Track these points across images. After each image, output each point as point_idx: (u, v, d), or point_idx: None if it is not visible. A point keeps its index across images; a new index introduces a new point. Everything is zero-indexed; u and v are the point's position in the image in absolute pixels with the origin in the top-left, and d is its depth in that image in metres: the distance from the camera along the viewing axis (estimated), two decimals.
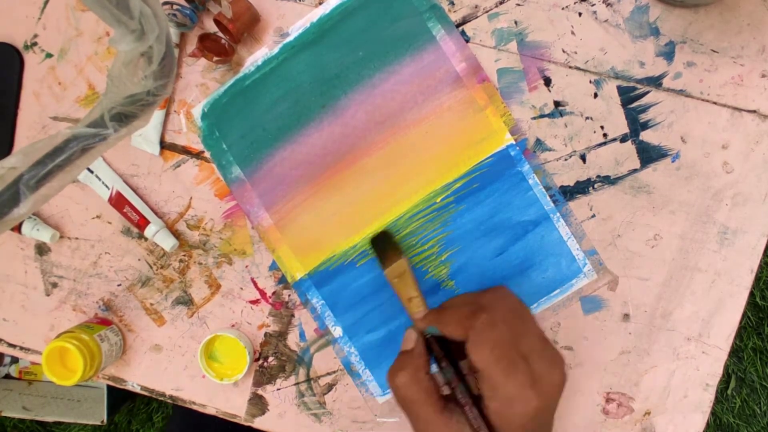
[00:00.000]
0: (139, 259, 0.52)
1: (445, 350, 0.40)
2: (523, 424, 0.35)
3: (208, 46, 0.47)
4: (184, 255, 0.52)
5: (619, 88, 0.46)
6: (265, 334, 0.52)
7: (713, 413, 1.15)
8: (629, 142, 0.47)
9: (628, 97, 0.46)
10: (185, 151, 0.51)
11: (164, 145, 0.51)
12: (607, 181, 0.47)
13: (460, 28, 0.47)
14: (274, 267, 0.51)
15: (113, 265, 0.52)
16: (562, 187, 0.48)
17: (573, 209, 0.48)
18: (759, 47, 0.45)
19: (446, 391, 0.39)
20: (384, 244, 0.46)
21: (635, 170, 0.47)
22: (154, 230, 0.50)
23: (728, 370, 1.15)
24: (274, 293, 0.51)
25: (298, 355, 0.51)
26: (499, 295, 0.40)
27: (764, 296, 1.14)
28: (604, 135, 0.47)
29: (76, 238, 0.53)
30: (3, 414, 1.07)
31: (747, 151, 0.46)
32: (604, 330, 0.48)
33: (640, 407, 0.49)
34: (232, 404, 0.53)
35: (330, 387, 0.51)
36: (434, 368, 0.40)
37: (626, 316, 0.48)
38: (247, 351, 0.50)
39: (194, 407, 0.53)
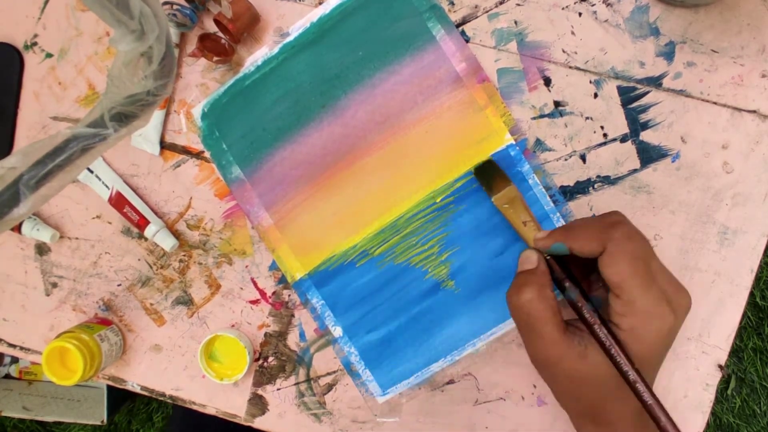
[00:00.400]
0: (139, 259, 0.52)
1: (566, 272, 0.39)
2: (655, 341, 0.35)
3: (208, 46, 0.47)
4: (184, 255, 0.52)
5: (619, 88, 0.46)
6: (265, 334, 0.52)
7: (713, 413, 1.15)
8: (629, 142, 0.47)
9: (628, 97, 0.46)
10: (185, 151, 0.51)
11: (164, 145, 0.51)
12: (607, 181, 0.47)
13: (460, 28, 0.47)
14: (274, 267, 0.51)
15: (113, 265, 0.53)
16: (562, 187, 0.48)
17: (573, 209, 0.48)
18: (759, 47, 0.45)
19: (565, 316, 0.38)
20: (489, 173, 0.46)
21: (635, 170, 0.47)
22: (154, 230, 0.50)
23: (728, 370, 1.15)
24: (274, 293, 0.51)
25: (298, 355, 0.51)
26: (622, 217, 0.38)
27: (764, 296, 1.14)
28: (604, 135, 0.47)
29: (76, 238, 0.53)
30: (3, 414, 1.08)
31: (747, 151, 0.46)
32: None
33: None
34: (232, 404, 0.53)
35: (330, 387, 0.51)
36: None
37: None
38: (247, 351, 0.50)
39: (194, 407, 0.53)
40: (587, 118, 0.47)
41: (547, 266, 0.39)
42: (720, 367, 0.47)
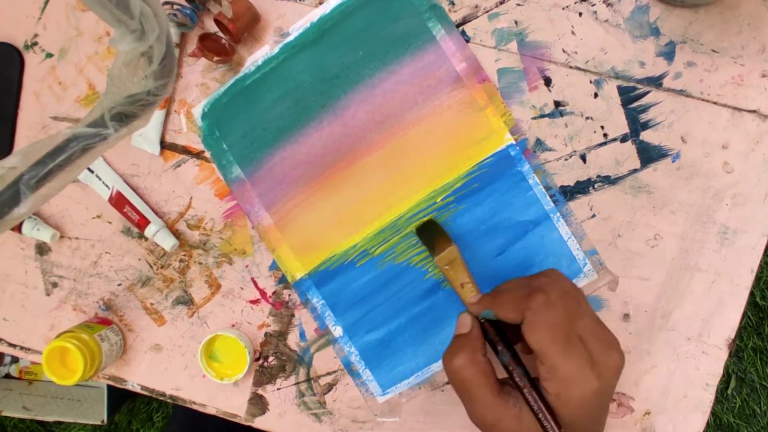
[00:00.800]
0: (139, 259, 0.52)
1: (500, 335, 0.40)
2: (582, 405, 0.35)
3: (209, 45, 0.47)
4: (185, 255, 0.52)
5: (619, 88, 0.46)
6: (266, 334, 0.52)
7: (713, 413, 1.15)
8: (629, 142, 0.47)
9: (628, 97, 0.46)
10: (185, 150, 0.51)
11: (164, 145, 0.51)
12: (608, 181, 0.47)
13: (461, 28, 0.47)
14: (274, 267, 0.51)
15: (113, 264, 0.53)
16: (562, 187, 0.48)
17: (573, 209, 0.48)
18: (759, 47, 0.45)
19: (499, 375, 0.39)
20: (431, 233, 0.46)
21: (635, 170, 0.47)
22: (154, 230, 0.50)
23: (728, 369, 1.15)
24: (274, 293, 0.51)
25: (299, 354, 0.51)
26: (552, 278, 0.39)
27: (764, 296, 1.14)
28: (605, 135, 0.47)
29: (77, 238, 0.53)
30: (3, 414, 1.08)
31: (747, 151, 0.46)
32: None
33: (640, 407, 0.49)
34: (232, 404, 0.53)
35: (330, 387, 0.51)
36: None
37: (626, 316, 0.48)
38: (248, 351, 0.50)
39: (194, 407, 0.53)
40: (587, 118, 0.47)
41: (480, 330, 0.41)
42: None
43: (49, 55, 0.51)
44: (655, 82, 0.46)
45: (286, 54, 0.48)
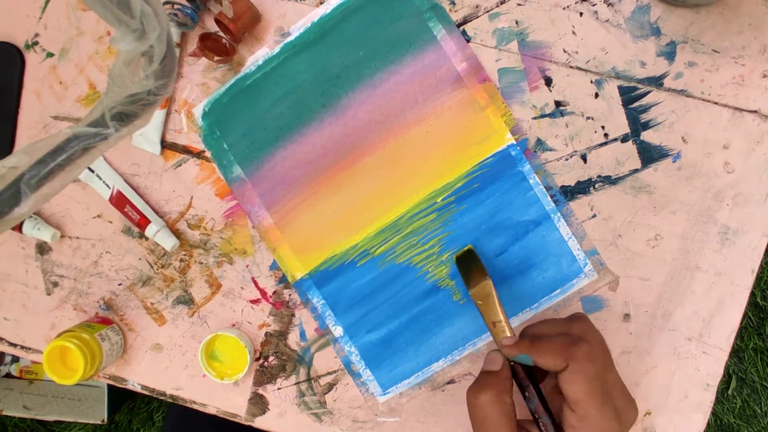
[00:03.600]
0: (139, 259, 0.52)
1: (530, 379, 0.40)
2: None
3: (209, 45, 0.47)
4: (185, 254, 0.52)
5: (620, 88, 0.46)
6: (266, 334, 0.52)
7: (714, 413, 1.15)
8: (630, 142, 0.47)
9: (629, 97, 0.46)
10: (186, 150, 0.51)
11: (165, 145, 0.51)
12: (608, 181, 0.47)
13: (461, 28, 0.47)
14: (274, 266, 0.51)
15: (114, 264, 0.53)
16: (562, 186, 0.48)
17: (574, 209, 0.48)
18: (760, 47, 0.45)
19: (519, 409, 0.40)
20: (468, 264, 0.46)
21: (636, 170, 0.47)
22: (154, 230, 0.50)
23: (729, 370, 1.15)
24: (274, 293, 0.51)
25: (299, 354, 0.51)
26: (587, 327, 0.40)
27: (765, 296, 1.14)
28: (605, 135, 0.47)
29: (77, 238, 0.53)
30: (4, 413, 1.08)
31: (748, 151, 0.46)
32: (604, 330, 0.48)
33: (640, 407, 0.49)
34: (232, 404, 0.53)
35: (330, 386, 0.51)
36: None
37: (627, 316, 0.48)
38: (248, 350, 0.50)
39: (195, 407, 0.53)
40: (588, 117, 0.47)
41: (510, 371, 0.41)
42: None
43: (50, 55, 0.51)
44: (656, 82, 0.46)
45: (286, 54, 0.48)
